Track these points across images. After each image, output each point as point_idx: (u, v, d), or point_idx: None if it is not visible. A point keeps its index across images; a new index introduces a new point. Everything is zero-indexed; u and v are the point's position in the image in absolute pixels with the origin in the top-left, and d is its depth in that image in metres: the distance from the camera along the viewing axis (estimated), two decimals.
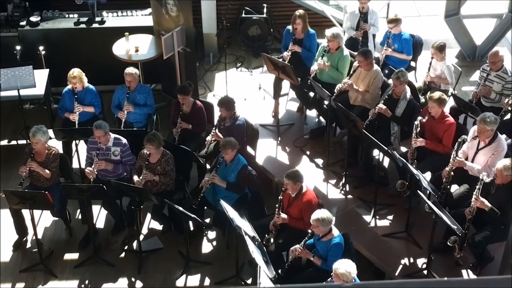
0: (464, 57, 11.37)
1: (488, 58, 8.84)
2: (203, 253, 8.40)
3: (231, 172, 7.95)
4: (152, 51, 10.00)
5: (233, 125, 8.56)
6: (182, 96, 8.71)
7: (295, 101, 10.15)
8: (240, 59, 11.56)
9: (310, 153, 9.26)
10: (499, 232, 7.04)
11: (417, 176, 7.39)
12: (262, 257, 6.83)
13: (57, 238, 8.58)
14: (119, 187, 7.90)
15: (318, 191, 8.40)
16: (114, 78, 9.71)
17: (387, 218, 8.26)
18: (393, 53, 9.66)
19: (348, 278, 6.17)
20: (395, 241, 7.94)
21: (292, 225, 7.54)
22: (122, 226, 8.54)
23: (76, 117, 8.94)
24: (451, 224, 6.82)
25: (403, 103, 8.41)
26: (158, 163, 8.12)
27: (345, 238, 7.09)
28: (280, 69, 9.06)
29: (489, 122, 7.42)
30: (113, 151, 8.27)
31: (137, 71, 9.12)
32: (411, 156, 7.96)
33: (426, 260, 7.48)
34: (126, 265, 8.23)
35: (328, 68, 9.22)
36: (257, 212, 8.22)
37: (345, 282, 6.16)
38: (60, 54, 10.30)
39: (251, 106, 10.13)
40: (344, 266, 6.21)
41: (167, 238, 8.51)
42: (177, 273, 8.07)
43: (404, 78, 8.36)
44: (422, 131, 8.06)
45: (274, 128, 9.61)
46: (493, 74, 8.70)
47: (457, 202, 7.62)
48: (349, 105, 8.91)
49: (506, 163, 6.95)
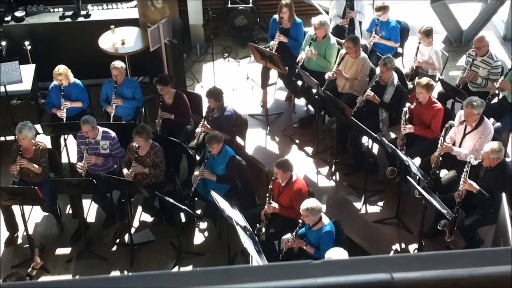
0: (451, 42, 11.40)
1: (473, 44, 8.86)
2: (195, 244, 8.41)
3: (219, 164, 7.95)
4: (139, 44, 9.96)
5: (222, 116, 8.55)
6: (160, 86, 8.69)
7: (283, 90, 10.15)
8: (227, 50, 11.55)
9: (300, 142, 9.27)
10: (488, 215, 7.09)
11: (406, 162, 7.42)
12: (254, 246, 6.85)
13: (48, 233, 8.57)
14: (109, 180, 7.90)
15: (308, 179, 8.42)
16: (101, 71, 9.67)
17: (377, 205, 8.30)
18: (381, 40, 9.67)
19: None
20: (386, 227, 7.98)
21: (283, 214, 7.56)
22: (113, 220, 8.53)
23: (64, 114, 8.91)
24: (441, 209, 6.86)
25: (390, 90, 8.43)
26: (147, 155, 8.11)
27: (336, 226, 7.11)
28: (267, 58, 9.06)
29: (475, 105, 7.45)
30: (102, 144, 8.26)
31: (124, 65, 9.09)
32: (400, 142, 7.99)
33: (417, 245, 7.52)
34: (118, 258, 8.23)
35: (315, 57, 9.23)
36: (248, 202, 8.24)
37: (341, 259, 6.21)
38: (46, 48, 10.25)
39: (239, 96, 10.12)
40: (337, 254, 6.23)
41: (159, 230, 8.52)
42: (169, 265, 8.08)
43: (391, 64, 8.38)
44: (410, 117, 8.08)
45: (263, 117, 9.62)
46: (478, 59, 8.72)
47: (447, 187, 7.67)
48: (337, 93, 8.92)
49: (493, 146, 6.99)
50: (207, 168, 7.97)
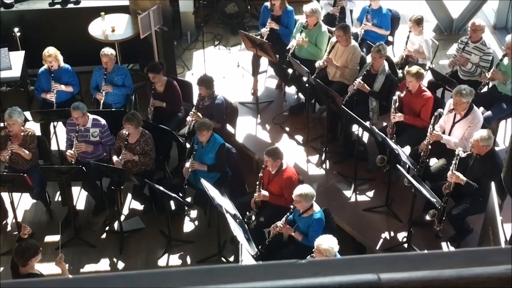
0: (441, 31, 11.38)
1: (470, 26, 8.85)
2: (184, 232, 8.41)
3: (208, 152, 7.94)
4: (129, 31, 9.91)
5: (213, 104, 8.53)
6: (152, 74, 8.66)
7: (273, 78, 10.13)
8: (218, 37, 11.50)
9: (290, 130, 9.26)
10: (477, 204, 7.12)
11: (396, 150, 7.43)
12: (243, 234, 6.86)
13: (37, 220, 8.55)
14: (99, 168, 7.88)
15: (298, 168, 8.43)
16: (91, 59, 9.62)
17: (367, 193, 8.32)
18: (373, 27, 9.64)
19: (330, 253, 6.21)
20: (376, 215, 8.01)
21: (272, 202, 7.57)
22: (103, 207, 8.52)
23: (54, 96, 8.85)
24: (430, 197, 6.88)
25: (381, 78, 8.42)
26: (137, 143, 8.09)
27: (326, 214, 7.13)
28: (258, 46, 9.03)
29: (464, 94, 7.46)
30: (92, 132, 8.23)
31: (113, 52, 9.04)
32: (390, 130, 7.99)
33: (406, 233, 7.55)
34: (107, 246, 8.23)
35: (306, 44, 9.20)
36: (238, 190, 8.24)
37: (327, 257, 6.22)
38: (36, 35, 10.16)
39: (230, 84, 10.09)
40: (327, 242, 6.25)
41: (149, 218, 8.51)
42: (159, 253, 8.09)
43: (384, 51, 8.39)
44: (400, 105, 8.09)
45: (253, 105, 9.60)
46: (471, 46, 8.73)
47: (436, 175, 7.69)
48: (327, 81, 8.91)
49: (482, 134, 7.01)
50: (196, 158, 7.95)
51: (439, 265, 1.22)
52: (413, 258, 1.26)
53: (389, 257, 1.26)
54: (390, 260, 1.25)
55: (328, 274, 1.19)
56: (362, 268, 1.21)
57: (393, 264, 1.23)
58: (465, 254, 1.28)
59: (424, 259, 1.25)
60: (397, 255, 1.26)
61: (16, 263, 6.66)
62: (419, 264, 1.23)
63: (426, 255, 1.26)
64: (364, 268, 1.21)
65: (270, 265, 1.25)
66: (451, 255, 1.30)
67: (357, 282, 1.19)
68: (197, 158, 7.98)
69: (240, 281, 1.18)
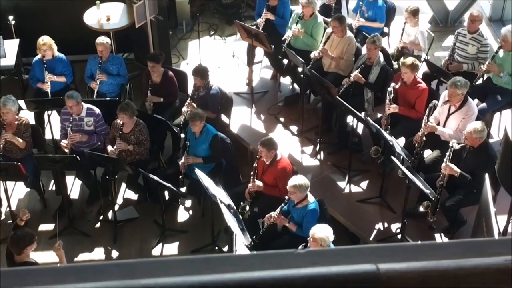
0: (437, 22, 11.38)
1: (468, 17, 8.84)
2: (179, 221, 8.42)
3: (202, 143, 7.93)
4: (124, 20, 9.88)
5: (208, 94, 8.52)
6: (152, 63, 8.62)
7: (269, 69, 10.12)
8: (213, 27, 11.47)
9: (285, 121, 9.26)
10: (471, 195, 7.13)
11: (390, 141, 7.44)
12: (237, 224, 6.86)
13: (31, 209, 8.48)
14: (93, 157, 7.86)
15: (292, 158, 8.43)
16: (86, 47, 9.58)
17: (361, 184, 8.33)
18: (366, 23, 9.61)
19: (325, 242, 6.22)
20: (370, 207, 8.02)
21: (267, 192, 7.57)
22: (97, 196, 8.50)
23: (48, 87, 8.83)
24: (424, 189, 6.90)
25: (376, 69, 8.42)
26: (131, 132, 8.08)
27: (320, 204, 7.14)
28: (253, 36, 9.01)
29: (459, 85, 7.46)
30: (86, 121, 8.20)
31: (109, 41, 9.02)
32: (385, 122, 8.00)
33: (400, 225, 7.56)
34: (101, 235, 8.23)
35: (302, 35, 9.19)
36: (232, 180, 8.24)
37: (322, 246, 6.23)
38: (30, 24, 10.11)
39: (225, 74, 10.08)
40: (322, 231, 6.25)
41: (143, 208, 8.51)
42: (153, 242, 8.09)
43: (379, 42, 8.39)
44: (395, 97, 8.09)
45: (248, 96, 9.60)
46: (468, 37, 8.73)
47: (430, 166, 7.70)
48: (322, 72, 8.91)
49: (476, 126, 7.01)
50: (190, 152, 7.95)
51: (437, 255, 1.22)
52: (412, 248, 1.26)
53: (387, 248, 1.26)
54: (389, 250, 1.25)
55: (326, 264, 1.19)
56: (360, 258, 1.21)
57: (391, 254, 1.23)
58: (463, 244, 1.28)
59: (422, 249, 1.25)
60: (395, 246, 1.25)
61: (11, 251, 6.65)
62: (417, 254, 1.23)
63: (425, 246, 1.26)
64: (362, 258, 1.21)
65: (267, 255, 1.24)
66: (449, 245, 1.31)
67: (355, 272, 1.19)
68: (191, 150, 7.97)
69: (237, 270, 1.18)
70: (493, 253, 1.19)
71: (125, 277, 1.22)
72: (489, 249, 1.21)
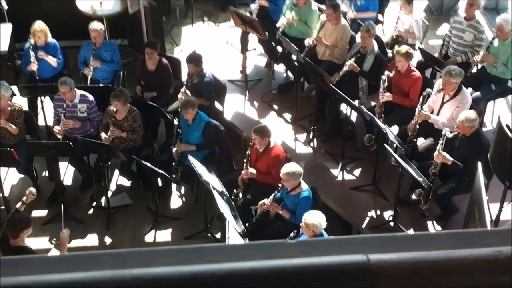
0: (432, 11, 11.37)
1: (467, 1, 8.80)
2: (172, 208, 8.43)
3: (194, 131, 7.92)
4: (117, 6, 9.82)
5: (201, 82, 8.50)
6: (150, 50, 8.59)
7: (263, 56, 10.10)
8: (207, 14, 11.43)
9: (278, 108, 9.26)
10: (463, 184, 7.15)
11: (384, 129, 7.45)
12: (230, 211, 6.88)
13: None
14: (86, 143, 7.84)
15: (286, 146, 8.43)
16: (79, 33, 9.50)
17: (354, 172, 8.35)
18: (359, 15, 9.55)
19: (317, 228, 6.24)
20: (363, 194, 8.04)
21: (260, 180, 7.58)
22: (90, 183, 8.50)
23: (35, 66, 8.75)
24: (417, 177, 6.92)
25: (370, 58, 8.41)
26: (125, 119, 8.06)
27: (313, 192, 7.15)
28: (247, 23, 8.98)
29: (454, 74, 7.46)
30: (79, 108, 8.18)
31: (102, 27, 8.98)
32: (379, 110, 8.01)
33: (392, 212, 7.59)
34: (94, 222, 8.23)
35: (296, 23, 9.17)
36: (226, 167, 8.25)
37: (314, 232, 6.24)
38: (23, 9, 10.05)
39: (218, 62, 10.05)
40: (314, 217, 6.28)
41: (136, 194, 8.51)
42: (146, 229, 8.10)
43: (373, 30, 8.37)
44: (389, 85, 8.09)
45: (242, 83, 9.58)
46: (465, 24, 8.72)
47: (423, 154, 7.72)
48: (317, 60, 8.90)
49: (468, 115, 7.02)
50: (183, 137, 7.95)
51: (427, 246, 1.22)
52: (402, 239, 1.27)
53: (378, 238, 1.27)
54: (379, 240, 1.25)
55: (317, 254, 1.19)
56: (351, 249, 1.22)
57: (382, 244, 1.23)
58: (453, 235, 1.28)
59: (413, 240, 1.25)
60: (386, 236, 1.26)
61: (6, 235, 6.65)
62: (408, 245, 1.23)
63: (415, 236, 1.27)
64: (353, 249, 1.21)
65: (258, 245, 1.25)
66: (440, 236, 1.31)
67: (346, 262, 1.20)
68: (183, 137, 7.96)
69: (228, 260, 1.18)
70: (483, 244, 1.20)
71: (116, 266, 1.23)
72: (479, 240, 1.21)
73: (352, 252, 1.20)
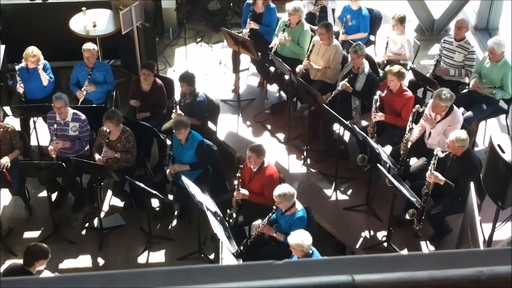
0: (423, 31, 11.44)
1: (455, 24, 8.87)
2: (165, 229, 8.40)
3: (188, 150, 7.93)
4: (110, 26, 9.86)
5: (194, 101, 8.52)
6: (147, 71, 8.63)
7: (255, 76, 10.13)
8: (200, 34, 11.48)
9: (271, 128, 9.28)
10: (456, 204, 7.16)
11: (377, 149, 7.46)
12: (224, 232, 6.86)
13: (16, 216, 8.49)
14: (79, 164, 7.84)
15: (279, 166, 8.43)
16: (71, 54, 9.56)
17: (348, 192, 8.35)
18: (350, 37, 9.59)
19: (303, 247, 6.21)
20: (356, 214, 8.04)
21: (253, 200, 7.56)
22: (83, 203, 8.48)
23: (21, 89, 8.77)
24: (410, 197, 6.92)
25: (362, 78, 8.45)
26: (118, 140, 8.07)
27: (307, 212, 7.14)
28: (240, 43, 9.03)
29: (444, 99, 7.48)
30: (71, 126, 8.18)
31: (96, 47, 9.01)
32: (371, 130, 8.03)
33: (386, 233, 7.58)
34: (87, 243, 8.19)
35: (289, 43, 9.21)
36: (219, 187, 8.24)
37: (303, 252, 6.22)
38: (16, 29, 10.09)
39: (211, 81, 10.08)
40: (296, 237, 6.26)
41: (129, 215, 8.49)
42: (139, 250, 8.07)
43: (361, 51, 8.39)
44: (381, 105, 8.12)
45: (235, 103, 9.60)
46: (455, 44, 8.77)
47: (416, 174, 7.73)
48: (309, 80, 8.93)
49: (458, 135, 7.04)
50: (176, 157, 7.97)
51: (412, 266, 1.23)
52: (387, 259, 1.28)
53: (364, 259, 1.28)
54: (365, 261, 1.26)
55: (304, 274, 1.20)
56: (337, 269, 1.22)
57: (368, 265, 1.24)
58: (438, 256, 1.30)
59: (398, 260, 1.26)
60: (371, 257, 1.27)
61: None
62: (392, 265, 1.24)
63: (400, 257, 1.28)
64: (340, 269, 1.22)
65: (247, 266, 1.26)
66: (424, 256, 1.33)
67: (332, 283, 1.21)
68: (177, 157, 7.97)
69: (218, 281, 1.19)
70: (466, 264, 1.21)
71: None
72: (462, 260, 1.23)
73: (338, 272, 1.21)
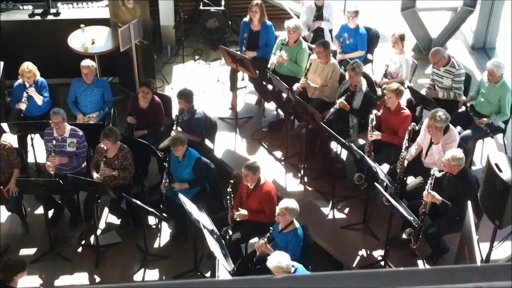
0: (420, 50, 11.47)
1: (429, 59, 8.92)
2: (161, 246, 8.36)
3: (185, 167, 7.92)
4: (109, 44, 9.89)
5: (192, 118, 8.53)
6: (147, 89, 8.64)
7: (253, 94, 10.14)
8: (198, 52, 11.51)
9: (269, 146, 9.27)
10: (453, 223, 7.15)
11: (374, 168, 7.46)
12: (220, 250, 6.83)
13: (12, 233, 8.46)
14: (76, 181, 7.82)
15: (276, 184, 8.41)
16: (70, 71, 9.58)
17: (345, 210, 8.33)
18: (347, 55, 9.62)
19: (283, 268, 6.12)
20: (353, 233, 8.01)
21: (251, 218, 7.52)
22: (79, 221, 8.45)
23: (24, 105, 8.78)
24: (407, 216, 6.90)
25: (359, 96, 8.46)
26: (115, 157, 8.05)
27: (304, 231, 7.12)
28: (238, 61, 9.04)
29: (438, 120, 7.47)
30: (68, 142, 8.17)
31: (94, 64, 9.03)
32: (368, 148, 8.03)
33: (383, 251, 7.56)
34: (83, 260, 8.15)
35: (287, 63, 9.23)
36: (216, 205, 8.21)
37: (285, 271, 6.13)
38: (15, 46, 10.10)
39: (209, 99, 10.09)
40: (273, 260, 6.17)
41: (125, 232, 8.46)
42: (135, 268, 8.03)
43: (359, 69, 8.41)
44: (378, 123, 8.13)
45: (233, 121, 9.60)
46: (442, 70, 8.79)
47: (413, 193, 7.71)
48: (307, 98, 8.94)
49: (454, 153, 7.04)
50: (174, 174, 7.95)
51: (410, 282, 1.22)
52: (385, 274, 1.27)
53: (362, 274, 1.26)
54: (363, 276, 1.25)
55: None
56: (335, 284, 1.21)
57: (366, 280, 1.23)
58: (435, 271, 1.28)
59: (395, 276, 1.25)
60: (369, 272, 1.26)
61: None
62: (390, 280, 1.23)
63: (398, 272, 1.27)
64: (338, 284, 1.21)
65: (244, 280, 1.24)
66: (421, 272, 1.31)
67: None
68: (174, 174, 7.96)
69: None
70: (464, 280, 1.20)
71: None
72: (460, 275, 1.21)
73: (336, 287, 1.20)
